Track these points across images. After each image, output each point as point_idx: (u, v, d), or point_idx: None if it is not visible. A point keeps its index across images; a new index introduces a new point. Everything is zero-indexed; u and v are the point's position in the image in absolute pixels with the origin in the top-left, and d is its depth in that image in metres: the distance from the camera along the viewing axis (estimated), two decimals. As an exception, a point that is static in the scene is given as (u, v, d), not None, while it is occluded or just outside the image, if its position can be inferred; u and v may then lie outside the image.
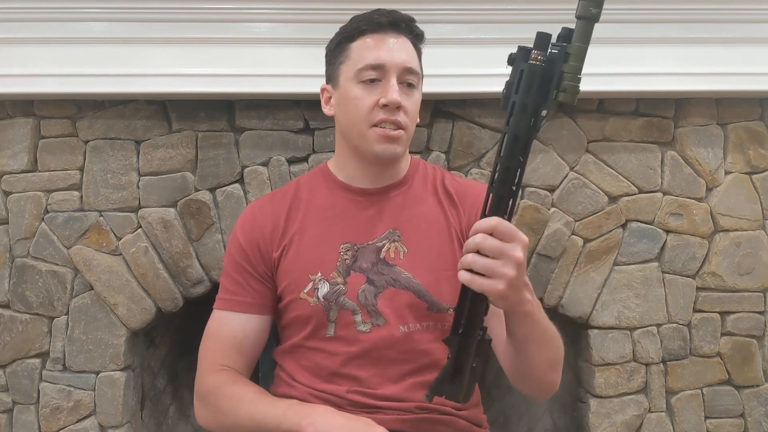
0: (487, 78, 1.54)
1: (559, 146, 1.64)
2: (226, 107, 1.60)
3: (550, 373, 1.05)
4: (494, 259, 0.82)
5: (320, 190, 1.16)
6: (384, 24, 1.09)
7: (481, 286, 0.83)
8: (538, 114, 0.81)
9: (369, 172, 1.13)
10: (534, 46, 0.81)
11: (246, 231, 1.15)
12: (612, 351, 1.64)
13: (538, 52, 0.81)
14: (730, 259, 1.66)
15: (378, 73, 1.07)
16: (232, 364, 1.11)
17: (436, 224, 1.11)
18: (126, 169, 1.60)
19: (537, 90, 0.80)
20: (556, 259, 1.63)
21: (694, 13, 1.57)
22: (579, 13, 0.80)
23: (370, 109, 1.06)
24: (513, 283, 0.83)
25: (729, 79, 1.58)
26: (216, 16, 1.52)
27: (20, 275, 1.59)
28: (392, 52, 1.07)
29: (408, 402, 1.06)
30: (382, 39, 1.08)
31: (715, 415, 1.66)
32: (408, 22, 1.11)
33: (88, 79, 1.52)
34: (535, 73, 0.80)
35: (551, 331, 1.01)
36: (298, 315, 1.10)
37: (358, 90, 1.08)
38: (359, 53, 1.08)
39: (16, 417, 1.58)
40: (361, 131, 1.08)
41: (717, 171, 1.67)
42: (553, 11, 1.55)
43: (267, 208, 1.16)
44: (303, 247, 1.11)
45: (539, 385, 1.06)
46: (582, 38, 0.80)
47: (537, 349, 0.99)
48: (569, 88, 0.79)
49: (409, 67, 1.07)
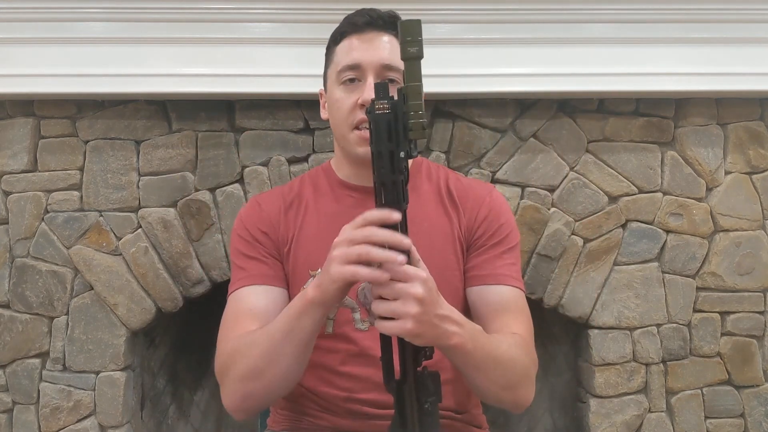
0: (487, 78, 1.55)
1: (559, 146, 1.64)
2: (226, 107, 1.60)
3: (507, 393, 1.00)
4: (394, 301, 0.81)
5: (322, 188, 1.16)
6: (361, 24, 1.08)
7: (390, 330, 0.82)
8: (396, 157, 0.84)
9: (362, 172, 1.12)
10: (375, 97, 0.85)
11: (251, 215, 1.13)
12: (612, 351, 1.64)
13: (380, 102, 0.84)
14: (730, 259, 1.66)
15: (356, 72, 1.06)
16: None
17: (438, 224, 1.11)
18: (126, 169, 1.60)
19: (387, 137, 0.84)
20: (556, 259, 1.63)
21: (694, 13, 1.57)
22: (402, 56, 0.83)
23: (351, 110, 1.06)
24: (420, 319, 0.81)
25: (729, 79, 1.58)
26: (216, 16, 1.52)
27: (20, 275, 1.59)
28: (369, 51, 1.06)
29: None
30: (361, 39, 1.08)
31: (715, 415, 1.66)
32: (388, 18, 1.09)
33: (88, 79, 1.52)
34: (380, 122, 0.84)
35: (498, 355, 0.96)
36: None
37: (339, 92, 1.08)
38: (339, 56, 1.09)
39: (16, 417, 1.58)
40: (344, 134, 1.08)
41: (717, 171, 1.67)
42: (553, 11, 1.55)
43: (271, 200, 1.15)
44: (304, 243, 1.11)
45: (499, 403, 1.03)
46: (412, 77, 0.83)
47: (481, 375, 0.96)
48: (415, 126, 0.83)
49: (387, 63, 1.06)
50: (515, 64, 1.53)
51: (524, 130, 1.63)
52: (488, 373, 0.96)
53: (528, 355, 1.04)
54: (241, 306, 1.05)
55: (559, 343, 1.83)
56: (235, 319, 1.03)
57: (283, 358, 0.94)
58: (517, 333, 1.04)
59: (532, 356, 1.05)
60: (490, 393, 1.00)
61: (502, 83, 1.54)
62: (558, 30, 1.55)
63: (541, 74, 1.55)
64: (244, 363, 0.96)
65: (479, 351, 0.92)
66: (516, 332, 1.04)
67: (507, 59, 1.52)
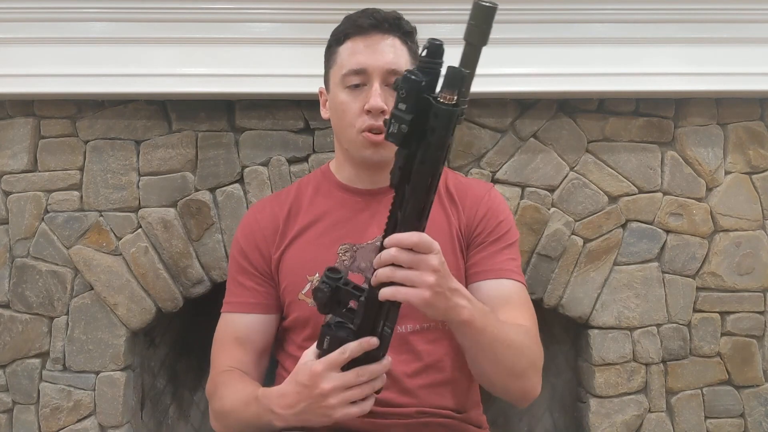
0: (487, 78, 1.52)
1: (559, 146, 1.64)
2: (226, 107, 1.60)
3: (515, 380, 1.01)
4: (411, 270, 0.83)
5: (321, 192, 1.16)
6: (366, 26, 1.07)
7: (405, 296, 0.83)
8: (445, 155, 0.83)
9: (365, 175, 1.13)
10: (445, 85, 0.78)
11: (246, 233, 1.16)
12: (612, 351, 1.64)
13: (448, 92, 0.78)
14: (730, 259, 1.66)
15: (361, 77, 1.06)
16: (238, 365, 1.12)
17: (437, 224, 1.10)
18: (126, 169, 1.60)
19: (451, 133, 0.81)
20: (556, 259, 1.63)
21: (694, 13, 1.57)
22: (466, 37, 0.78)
23: (357, 114, 1.06)
24: (436, 290, 0.84)
25: (729, 79, 1.58)
26: (216, 16, 1.52)
27: (20, 275, 1.59)
28: (375, 55, 1.06)
29: (408, 408, 1.05)
30: (365, 42, 1.07)
31: (715, 415, 1.66)
32: (393, 20, 1.09)
33: (88, 79, 1.52)
34: (452, 116, 0.79)
35: (507, 339, 0.97)
36: (297, 316, 1.11)
37: (344, 95, 1.08)
38: (343, 58, 1.08)
39: (16, 417, 1.58)
40: (350, 136, 1.08)
41: (717, 171, 1.66)
42: (553, 11, 1.55)
43: (267, 210, 1.17)
44: (302, 249, 1.11)
45: (506, 393, 1.04)
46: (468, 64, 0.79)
47: (490, 358, 0.97)
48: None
49: (392, 68, 1.05)
50: (515, 64, 1.53)
51: (524, 130, 1.63)
52: (497, 356, 0.97)
53: (536, 344, 1.05)
54: (229, 330, 1.14)
55: (559, 343, 1.83)
56: (223, 344, 1.14)
57: (239, 424, 1.04)
58: (522, 324, 1.05)
59: (539, 346, 1.06)
60: (498, 380, 1.01)
61: (502, 83, 1.53)
62: (558, 30, 1.55)
63: (541, 74, 1.54)
64: (218, 404, 1.09)
65: (488, 330, 0.94)
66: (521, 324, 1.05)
67: (507, 59, 1.52)
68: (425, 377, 1.07)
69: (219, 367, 1.13)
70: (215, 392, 1.11)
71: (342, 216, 1.13)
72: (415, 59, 1.11)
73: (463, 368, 1.10)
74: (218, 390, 1.10)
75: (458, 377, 1.11)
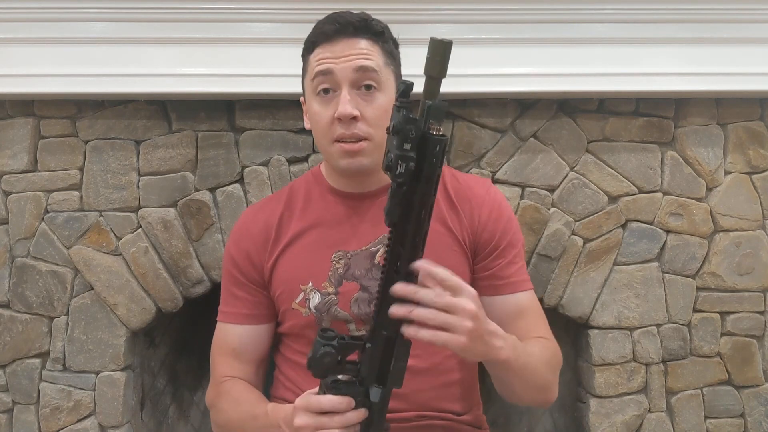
0: (487, 78, 1.54)
1: (559, 146, 1.64)
2: (226, 107, 1.60)
3: (540, 394, 1.05)
4: (450, 314, 0.81)
5: (313, 196, 1.15)
6: (330, 33, 1.05)
7: (445, 341, 0.82)
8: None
9: (351, 182, 1.12)
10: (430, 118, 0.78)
11: (237, 242, 1.16)
12: (612, 351, 1.64)
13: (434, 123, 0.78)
14: (730, 259, 1.66)
15: (329, 82, 1.04)
16: (236, 373, 1.13)
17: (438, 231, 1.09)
18: (126, 169, 1.60)
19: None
20: (556, 259, 1.63)
21: (694, 13, 1.57)
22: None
23: (329, 123, 1.04)
24: (473, 335, 0.83)
25: (729, 79, 1.58)
26: (216, 16, 1.52)
27: (20, 275, 1.59)
28: (340, 59, 1.03)
29: (407, 411, 1.05)
30: (331, 47, 1.05)
31: (715, 415, 1.66)
32: (358, 23, 1.06)
33: (88, 79, 1.51)
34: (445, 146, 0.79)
35: (537, 362, 1.00)
36: (293, 324, 1.10)
37: (316, 104, 1.06)
38: (311, 65, 1.07)
39: (16, 417, 1.58)
40: (325, 147, 1.07)
41: (717, 171, 1.66)
42: (553, 11, 1.55)
43: (259, 217, 1.16)
44: (295, 256, 1.11)
45: (530, 402, 1.09)
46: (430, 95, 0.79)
47: (520, 382, 0.99)
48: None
49: (361, 65, 1.03)
50: (515, 64, 1.53)
51: (524, 130, 1.63)
52: (526, 380, 0.99)
53: (555, 356, 1.08)
54: (225, 340, 1.16)
55: (559, 343, 1.82)
56: (221, 353, 1.16)
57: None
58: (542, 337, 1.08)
59: (559, 356, 1.10)
60: (526, 396, 1.04)
61: (502, 83, 1.54)
62: (558, 30, 1.55)
63: (541, 74, 1.54)
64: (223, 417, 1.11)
65: (521, 361, 0.95)
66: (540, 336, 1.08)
67: (507, 59, 1.52)
68: (425, 381, 1.06)
69: (219, 377, 1.14)
70: (217, 403, 1.12)
71: (335, 221, 1.11)
72: (390, 58, 1.08)
73: (463, 370, 1.10)
74: (220, 400, 1.10)
75: (459, 379, 1.11)
